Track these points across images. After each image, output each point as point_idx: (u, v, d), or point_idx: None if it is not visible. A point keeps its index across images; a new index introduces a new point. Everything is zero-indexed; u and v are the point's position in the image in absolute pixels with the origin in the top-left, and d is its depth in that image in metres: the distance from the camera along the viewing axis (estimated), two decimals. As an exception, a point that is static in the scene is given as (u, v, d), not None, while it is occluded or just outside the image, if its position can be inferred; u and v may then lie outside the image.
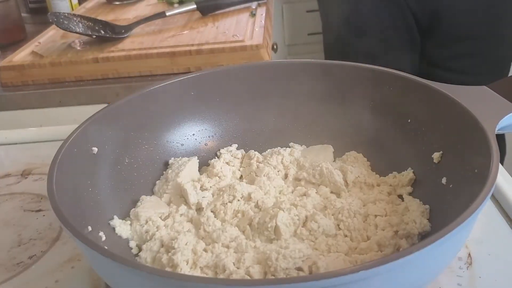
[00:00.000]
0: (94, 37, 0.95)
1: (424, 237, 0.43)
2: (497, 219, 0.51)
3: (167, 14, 1.02)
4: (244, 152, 0.57)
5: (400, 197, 0.49)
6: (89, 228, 0.42)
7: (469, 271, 0.44)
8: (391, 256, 0.30)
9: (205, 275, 0.40)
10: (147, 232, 0.45)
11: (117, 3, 1.24)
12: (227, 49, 0.88)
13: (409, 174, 0.50)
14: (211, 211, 0.47)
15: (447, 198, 0.44)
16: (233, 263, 0.40)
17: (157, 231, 0.45)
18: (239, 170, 0.55)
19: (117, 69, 0.89)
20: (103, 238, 0.43)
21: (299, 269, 0.39)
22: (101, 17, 1.07)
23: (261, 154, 0.56)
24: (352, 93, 0.56)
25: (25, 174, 0.65)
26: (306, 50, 1.93)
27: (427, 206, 0.45)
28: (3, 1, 1.08)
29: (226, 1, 1.08)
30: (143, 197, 0.50)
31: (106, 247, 0.39)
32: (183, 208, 0.48)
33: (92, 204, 0.45)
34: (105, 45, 0.93)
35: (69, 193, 0.42)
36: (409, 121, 0.51)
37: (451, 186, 0.44)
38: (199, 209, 0.49)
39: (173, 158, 0.55)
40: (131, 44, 0.93)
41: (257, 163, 0.54)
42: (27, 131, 0.74)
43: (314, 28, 1.81)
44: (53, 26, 1.05)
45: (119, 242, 0.45)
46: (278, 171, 0.53)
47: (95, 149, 0.48)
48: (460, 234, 0.33)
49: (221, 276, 0.39)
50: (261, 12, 1.06)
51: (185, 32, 0.97)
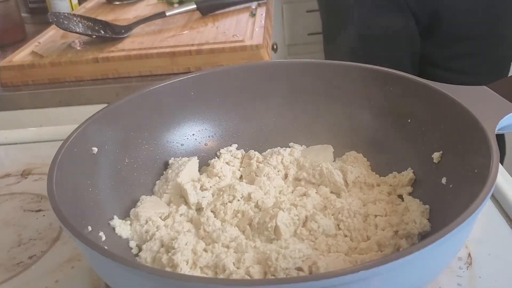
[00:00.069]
0: (94, 37, 0.95)
1: (424, 237, 0.43)
2: (497, 219, 0.51)
3: (167, 14, 1.02)
4: (244, 152, 0.57)
5: (400, 197, 0.49)
6: (89, 228, 0.42)
7: (469, 271, 0.44)
8: (391, 256, 0.30)
9: (205, 275, 0.40)
10: (147, 232, 0.45)
11: (117, 3, 1.24)
12: (227, 49, 0.88)
13: (409, 174, 0.50)
14: (211, 211, 0.47)
15: (447, 198, 0.44)
16: (233, 263, 0.40)
17: (157, 231, 0.45)
18: (239, 170, 0.55)
19: (117, 69, 0.89)
20: (103, 238, 0.43)
21: (299, 269, 0.39)
22: (101, 17, 1.07)
23: (261, 154, 0.56)
24: (352, 93, 0.56)
25: (25, 174, 0.65)
26: (306, 50, 1.93)
27: (427, 206, 0.45)
28: (3, 1, 1.08)
29: (226, 1, 1.08)
30: (143, 197, 0.50)
31: (106, 247, 0.39)
32: (183, 208, 0.48)
33: (92, 204, 0.45)
34: (105, 45, 0.93)
35: (69, 193, 0.42)
36: (409, 121, 0.51)
37: (451, 186, 0.44)
38: (199, 209, 0.49)
39: (173, 158, 0.55)
40: (131, 44, 0.93)
41: (257, 163, 0.54)
42: (27, 131, 0.74)
43: (314, 28, 1.81)
44: (53, 26, 1.05)
45: (119, 242, 0.45)
46: (278, 171, 0.53)
47: (95, 149, 0.48)
48: (460, 234, 0.33)
49: (221, 276, 0.39)
50: (261, 12, 1.06)
51: (185, 32, 0.97)
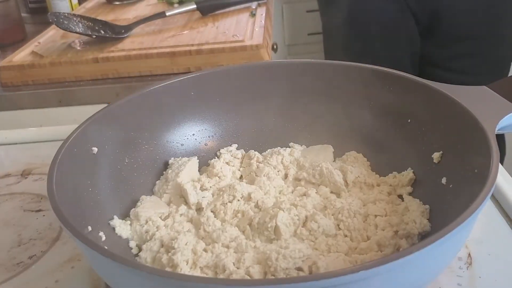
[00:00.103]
0: (94, 37, 0.95)
1: (424, 237, 0.43)
2: (497, 219, 0.51)
3: (167, 14, 1.02)
4: (244, 152, 0.57)
5: (400, 197, 0.49)
6: (89, 228, 0.42)
7: (469, 271, 0.44)
8: (391, 256, 0.30)
9: (205, 275, 0.40)
10: (147, 232, 0.45)
11: (117, 3, 1.24)
12: (227, 49, 0.88)
13: (409, 174, 0.50)
14: (211, 211, 0.47)
15: (447, 198, 0.44)
16: (233, 263, 0.40)
17: (157, 231, 0.45)
18: (239, 170, 0.55)
19: (117, 69, 0.89)
20: (103, 238, 0.43)
21: (299, 269, 0.39)
22: (101, 17, 1.07)
23: (261, 154, 0.56)
24: (352, 93, 0.56)
25: (25, 174, 0.65)
26: (306, 50, 1.93)
27: (427, 206, 0.45)
28: (3, 1, 1.08)
29: (226, 1, 1.08)
30: (143, 197, 0.50)
31: (106, 247, 0.39)
32: (183, 208, 0.48)
33: (92, 204, 0.45)
34: (105, 45, 0.93)
35: (69, 193, 0.42)
36: (409, 121, 0.51)
37: (451, 186, 0.44)
38: (199, 209, 0.49)
39: (173, 158, 0.55)
40: (131, 44, 0.93)
41: (257, 163, 0.54)
42: (27, 131, 0.74)
43: (314, 28, 1.82)
44: (53, 26, 1.05)
45: (119, 242, 0.45)
46: (278, 171, 0.53)
47: (95, 149, 0.48)
48: (460, 234, 0.33)
49: (221, 276, 0.39)
50: (261, 12, 1.06)
51: (185, 32, 0.97)
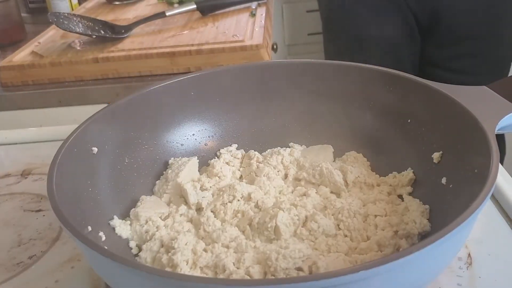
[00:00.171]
0: (94, 37, 0.95)
1: (424, 237, 0.43)
2: (497, 219, 0.51)
3: (167, 14, 1.02)
4: (244, 152, 0.57)
5: (400, 197, 0.49)
6: (89, 228, 0.42)
7: (469, 271, 0.44)
8: (391, 256, 0.30)
9: (205, 275, 0.40)
10: (147, 232, 0.45)
11: (117, 3, 1.24)
12: (227, 49, 0.88)
13: (409, 174, 0.50)
14: (211, 211, 0.47)
15: (447, 198, 0.44)
16: (233, 263, 0.40)
17: (157, 231, 0.45)
18: (239, 170, 0.55)
19: (117, 69, 0.89)
20: (103, 238, 0.43)
21: (299, 269, 0.39)
22: (101, 17, 1.07)
23: (261, 154, 0.56)
24: (352, 93, 0.56)
25: (25, 174, 0.65)
26: (306, 50, 1.93)
27: (427, 206, 0.45)
28: (3, 1, 1.08)
29: (226, 1, 1.08)
30: (143, 197, 0.50)
31: (106, 247, 0.39)
32: (183, 208, 0.48)
33: (92, 204, 0.45)
34: (105, 45, 0.93)
35: (69, 193, 0.42)
36: (409, 121, 0.51)
37: (451, 186, 0.44)
38: (199, 209, 0.49)
39: (173, 158, 0.55)
40: (131, 44, 0.93)
41: (257, 163, 0.54)
42: (27, 131, 0.74)
43: (314, 28, 1.82)
44: (53, 26, 1.05)
45: (119, 242, 0.45)
46: (278, 171, 0.53)
47: (95, 149, 0.48)
48: (460, 234, 0.33)
49: (221, 276, 0.39)
50: (261, 12, 1.06)
51: (185, 32, 0.97)
